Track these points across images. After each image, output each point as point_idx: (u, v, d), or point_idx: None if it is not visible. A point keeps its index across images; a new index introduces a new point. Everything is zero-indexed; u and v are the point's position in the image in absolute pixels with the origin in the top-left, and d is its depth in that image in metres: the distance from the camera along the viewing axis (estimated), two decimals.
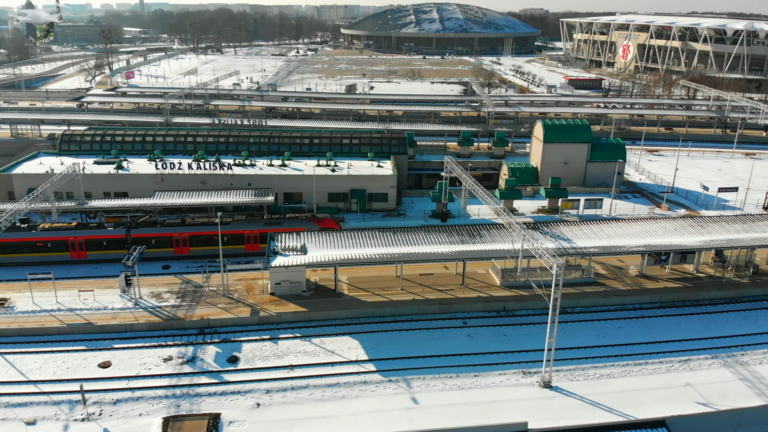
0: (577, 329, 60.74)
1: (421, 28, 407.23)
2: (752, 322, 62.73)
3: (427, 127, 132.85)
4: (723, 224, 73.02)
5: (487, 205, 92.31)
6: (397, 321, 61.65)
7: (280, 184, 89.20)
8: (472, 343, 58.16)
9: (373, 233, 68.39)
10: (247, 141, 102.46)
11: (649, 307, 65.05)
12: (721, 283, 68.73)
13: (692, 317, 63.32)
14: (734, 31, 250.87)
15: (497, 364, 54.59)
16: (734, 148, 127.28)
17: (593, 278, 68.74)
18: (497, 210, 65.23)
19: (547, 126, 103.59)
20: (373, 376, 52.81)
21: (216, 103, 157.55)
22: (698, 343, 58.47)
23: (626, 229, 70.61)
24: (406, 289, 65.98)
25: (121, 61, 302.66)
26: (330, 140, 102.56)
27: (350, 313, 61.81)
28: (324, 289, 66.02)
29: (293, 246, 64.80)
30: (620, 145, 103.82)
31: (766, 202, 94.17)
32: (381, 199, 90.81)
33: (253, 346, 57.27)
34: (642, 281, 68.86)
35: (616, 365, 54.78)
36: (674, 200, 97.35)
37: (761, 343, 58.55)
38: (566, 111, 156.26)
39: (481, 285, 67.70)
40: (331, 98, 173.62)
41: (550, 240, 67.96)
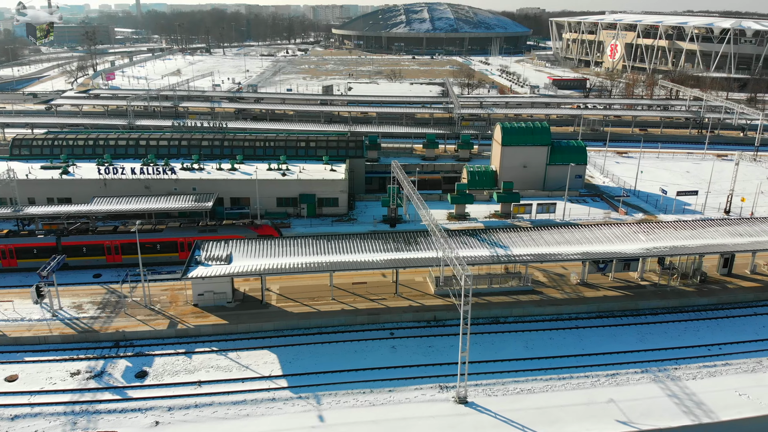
0: (506, 340, 58.54)
1: (412, 28, 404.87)
2: (692, 333, 60.41)
3: (393, 130, 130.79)
4: (671, 230, 70.72)
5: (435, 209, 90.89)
6: (322, 333, 59.51)
7: (226, 188, 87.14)
8: (395, 355, 56.01)
9: (307, 241, 66.24)
10: (199, 144, 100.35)
11: (585, 317, 62.80)
12: (664, 292, 66.45)
13: (629, 328, 61.05)
14: (721, 29, 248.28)
15: (415, 378, 52.52)
16: (705, 149, 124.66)
17: (531, 286, 66.55)
18: (424, 216, 62.98)
19: (505, 129, 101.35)
20: (283, 392, 50.71)
21: (186, 104, 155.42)
22: (631, 355, 56.22)
23: (568, 236, 68.34)
24: (337, 299, 63.86)
25: (106, 63, 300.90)
26: (285, 143, 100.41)
27: (274, 325, 59.69)
28: (251, 300, 63.94)
29: (218, 255, 62.68)
30: (581, 147, 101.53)
31: (727, 206, 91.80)
32: (331, 204, 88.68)
33: (165, 360, 55.19)
34: (582, 290, 66.63)
35: (539, 379, 52.60)
36: (634, 204, 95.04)
37: (698, 357, 56.29)
38: (541, 112, 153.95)
39: (415, 294, 65.55)
40: (303, 100, 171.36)
41: (487, 247, 65.78)
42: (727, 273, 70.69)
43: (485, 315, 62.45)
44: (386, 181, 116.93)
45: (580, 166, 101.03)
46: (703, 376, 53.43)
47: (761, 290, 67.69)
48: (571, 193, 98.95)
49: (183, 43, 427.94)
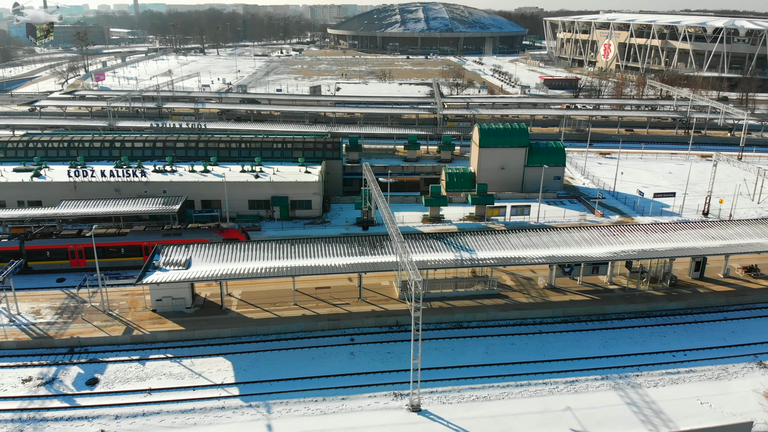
0: (467, 345, 57.53)
1: (406, 28, 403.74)
2: (658, 339, 59.36)
3: (375, 131, 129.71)
4: (642, 233, 69.67)
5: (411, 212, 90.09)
6: (281, 339, 58.53)
7: (196, 191, 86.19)
8: (353, 362, 55.01)
9: (270, 245, 65.23)
10: (174, 146, 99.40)
11: (550, 322, 61.78)
12: (632, 296, 65.43)
13: (593, 333, 60.01)
14: (714, 28, 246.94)
15: (370, 386, 51.51)
16: (689, 150, 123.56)
17: (496, 290, 65.55)
18: (385, 219, 61.90)
19: (482, 130, 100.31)
20: (233, 401, 49.74)
21: (170, 105, 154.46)
22: (592, 362, 55.18)
23: (535, 239, 67.30)
24: (299, 304, 62.89)
25: (98, 64, 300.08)
26: (261, 145, 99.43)
27: (231, 331, 58.71)
28: (212, 306, 62.97)
29: (177, 260, 61.71)
30: (559, 148, 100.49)
31: (705, 208, 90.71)
32: (305, 207, 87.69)
33: (118, 367, 54.26)
34: (549, 294, 65.63)
35: (496, 386, 51.59)
36: (611, 206, 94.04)
37: (661, 363, 55.21)
38: (526, 113, 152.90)
39: (379, 298, 64.54)
40: (289, 101, 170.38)
41: (452, 251, 64.75)
42: (699, 277, 69.64)
43: (448, 320, 61.52)
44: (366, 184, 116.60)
45: (558, 168, 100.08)
46: (665, 384, 52.41)
47: (733, 294, 66.61)
48: (549, 195, 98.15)
49: (178, 43, 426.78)
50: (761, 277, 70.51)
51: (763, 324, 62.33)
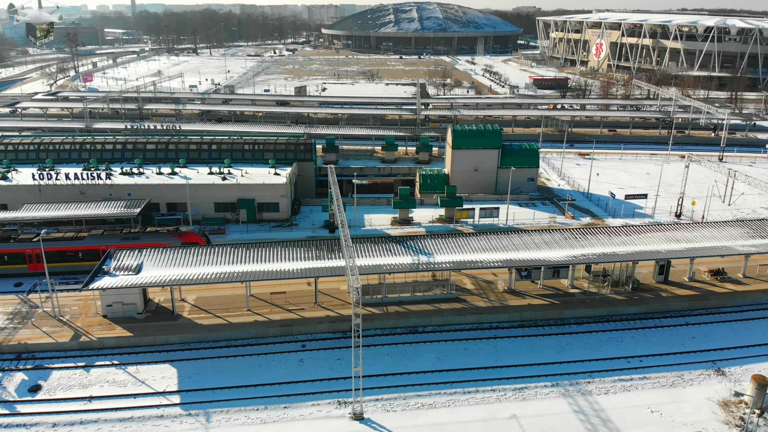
0: (419, 351, 56.55)
1: (400, 28, 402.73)
2: (614, 344, 58.35)
3: (353, 132, 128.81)
4: (605, 236, 68.65)
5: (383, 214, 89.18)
6: (230, 346, 57.54)
7: (161, 193, 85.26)
8: (301, 369, 54.07)
9: (225, 249, 64.25)
10: (144, 148, 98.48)
11: (506, 326, 60.80)
12: (593, 300, 64.40)
13: (549, 338, 59.02)
14: (705, 27, 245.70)
15: (315, 393, 50.55)
16: (669, 150, 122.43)
17: (455, 294, 64.57)
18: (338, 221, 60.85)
19: (455, 132, 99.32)
20: (173, 409, 48.82)
21: (152, 106, 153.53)
22: (545, 368, 54.20)
23: (496, 243, 66.28)
24: (253, 310, 61.93)
25: (88, 65, 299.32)
26: (231, 146, 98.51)
27: (180, 337, 57.77)
28: (164, 311, 62.02)
29: (128, 265, 60.79)
30: (533, 150, 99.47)
31: (678, 209, 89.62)
32: (272, 209, 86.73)
33: (62, 374, 53.35)
34: (507, 297, 64.65)
35: (444, 393, 50.65)
36: (584, 207, 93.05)
37: (615, 370, 54.19)
38: (509, 113, 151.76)
39: (336, 303, 63.58)
40: (273, 101, 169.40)
41: (410, 255, 63.78)
42: (664, 280, 68.60)
43: (403, 324, 60.56)
44: (343, 185, 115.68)
45: (531, 169, 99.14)
46: (616, 391, 51.42)
47: (696, 299, 65.59)
48: (522, 196, 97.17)
49: (172, 43, 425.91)
50: (728, 280, 69.46)
51: (725, 329, 61.31)
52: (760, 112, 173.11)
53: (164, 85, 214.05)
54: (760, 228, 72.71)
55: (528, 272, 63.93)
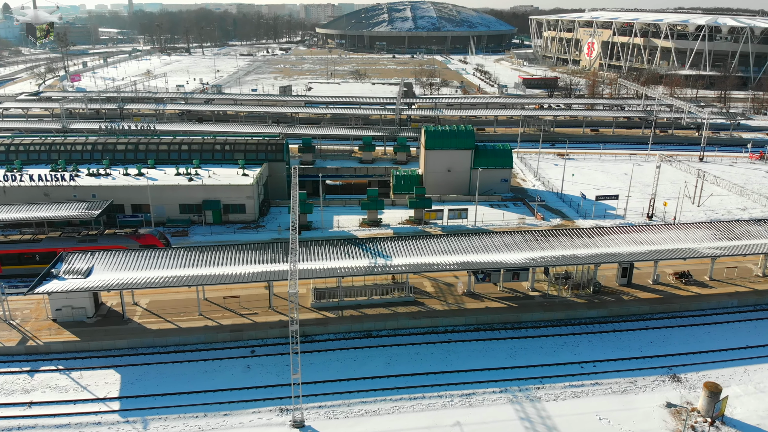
0: (370, 356, 55.53)
1: (394, 27, 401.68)
2: (570, 349, 57.30)
3: (331, 132, 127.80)
4: (566, 238, 67.58)
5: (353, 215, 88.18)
6: (178, 351, 56.55)
7: (125, 195, 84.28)
8: (247, 375, 53.06)
9: (179, 252, 63.20)
10: (113, 149, 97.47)
11: (462, 330, 59.80)
12: (552, 303, 63.35)
13: (504, 342, 57.98)
14: (696, 26, 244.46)
15: (258, 401, 49.54)
16: (649, 150, 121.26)
17: (412, 297, 63.55)
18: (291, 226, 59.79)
19: (428, 132, 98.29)
20: (111, 416, 47.86)
21: (132, 106, 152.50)
22: (495, 373, 53.14)
23: (455, 245, 65.25)
24: (205, 314, 60.92)
25: (78, 65, 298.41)
26: (201, 147, 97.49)
27: (128, 342, 56.78)
28: (115, 315, 61.05)
29: (78, 268, 59.78)
30: (506, 150, 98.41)
31: (650, 210, 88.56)
32: (238, 211, 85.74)
33: (5, 379, 52.42)
34: (466, 300, 63.63)
35: (389, 399, 49.64)
36: (556, 208, 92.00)
37: (567, 375, 53.12)
38: (492, 113, 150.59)
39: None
40: (256, 101, 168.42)
41: (368, 257, 62.78)
42: (627, 283, 67.56)
43: (358, 329, 59.56)
44: (319, 185, 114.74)
45: (505, 170, 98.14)
46: (566, 397, 50.38)
47: (659, 302, 64.53)
48: (494, 197, 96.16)
49: (166, 43, 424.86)
50: (693, 283, 68.42)
51: (686, 334, 60.23)
52: (746, 112, 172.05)
53: (151, 84, 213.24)
54: (728, 230, 71.65)
55: (484, 275, 62.91)
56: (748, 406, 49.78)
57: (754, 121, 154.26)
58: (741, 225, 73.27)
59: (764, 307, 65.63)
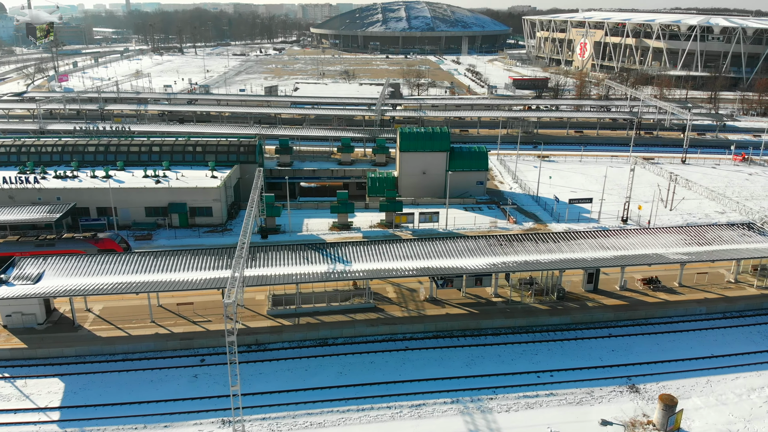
0: (322, 365, 54.18)
1: (388, 27, 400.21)
2: (528, 357, 55.92)
3: (310, 133, 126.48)
4: (531, 243, 66.17)
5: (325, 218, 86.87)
6: (127, 360, 55.21)
7: (90, 198, 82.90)
8: (194, 385, 51.69)
9: (132, 257, 61.83)
10: (83, 150, 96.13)
11: (420, 338, 58.42)
12: (514, 310, 62.00)
13: (461, 350, 56.60)
14: (688, 26, 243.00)
15: (200, 412, 48.18)
16: (630, 152, 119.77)
17: (372, 304, 62.21)
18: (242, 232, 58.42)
19: (403, 134, 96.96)
20: (50, 427, 46.55)
21: (113, 107, 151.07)
22: (448, 382, 51.76)
23: (418, 250, 63.86)
24: (157, 322, 59.55)
25: (68, 65, 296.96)
26: (172, 148, 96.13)
27: (76, 350, 55.44)
28: (66, 322, 59.69)
29: (29, 273, 58.47)
30: (482, 153, 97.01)
31: (624, 214, 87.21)
32: (205, 214, 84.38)
33: None
34: (427, 307, 62.27)
35: (336, 411, 48.28)
36: (530, 212, 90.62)
37: (522, 385, 51.67)
38: (477, 114, 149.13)
39: (247, 314, 61.20)
40: (239, 101, 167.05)
41: (327, 263, 61.41)
42: (593, 289, 66.19)
43: (313, 337, 58.19)
44: (296, 187, 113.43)
45: (480, 173, 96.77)
46: (519, 409, 48.99)
47: (624, 309, 63.14)
48: (469, 200, 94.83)
49: (160, 42, 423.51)
50: (662, 290, 67.04)
51: (649, 342, 58.82)
52: (734, 113, 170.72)
53: (137, 84, 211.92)
54: (699, 235, 70.31)
55: (444, 281, 61.54)
56: (707, 419, 48.41)
57: (740, 122, 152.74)
58: (713, 230, 71.97)
59: (734, 314, 64.24)
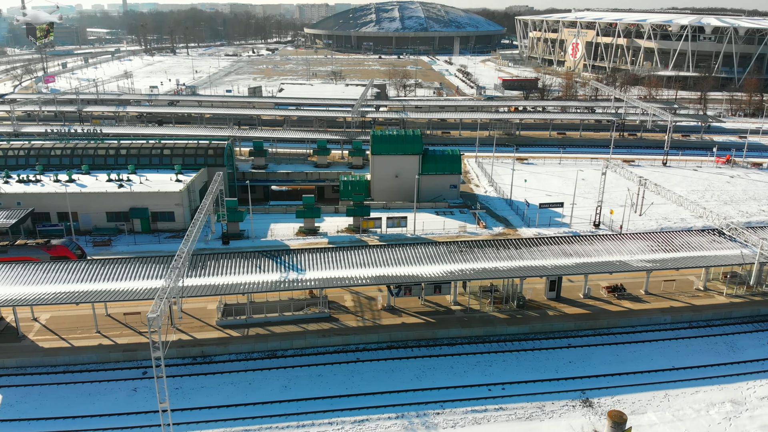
0: (267, 379, 52.39)
1: (381, 27, 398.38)
2: (481, 369, 54.12)
3: (287, 135, 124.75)
4: (492, 250, 64.43)
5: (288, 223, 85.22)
6: (68, 371, 53.49)
7: (53, 202, 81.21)
8: (131, 399, 49.93)
9: (78, 265, 59.84)
10: (49, 154, 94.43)
11: (374, 348, 56.64)
12: (471, 319, 60.22)
13: (413, 361, 54.80)
14: (680, 26, 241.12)
15: (134, 428, 46.48)
16: (611, 154, 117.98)
17: (328, 313, 60.46)
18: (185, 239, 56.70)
19: (375, 137, 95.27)
20: None
21: (92, 109, 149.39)
22: (396, 396, 49.99)
23: (376, 257, 62.12)
24: (103, 332, 57.79)
25: (57, 65, 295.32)
26: (138, 152, 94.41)
27: (17, 361, 53.77)
28: (11, 332, 57.97)
29: None
30: (455, 156, 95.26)
31: (596, 219, 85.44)
32: (167, 219, 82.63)
33: None
34: (384, 316, 60.50)
35: (274, 428, 46.51)
36: (502, 216, 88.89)
37: (471, 399, 49.86)
38: (457, 116, 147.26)
39: (196, 325, 59.40)
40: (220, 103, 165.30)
41: (281, 271, 59.67)
42: (555, 297, 64.43)
43: (261, 348, 56.42)
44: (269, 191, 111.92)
45: (454, 176, 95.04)
46: (465, 424, 47.25)
47: (585, 318, 61.35)
48: (441, 204, 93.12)
49: (154, 43, 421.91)
50: (627, 298, 65.25)
51: (608, 353, 56.97)
52: (722, 113, 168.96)
53: (123, 85, 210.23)
54: (666, 241, 68.47)
55: (400, 289, 59.79)
56: None
57: (726, 124, 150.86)
58: (682, 236, 70.14)
59: (700, 324, 62.40)
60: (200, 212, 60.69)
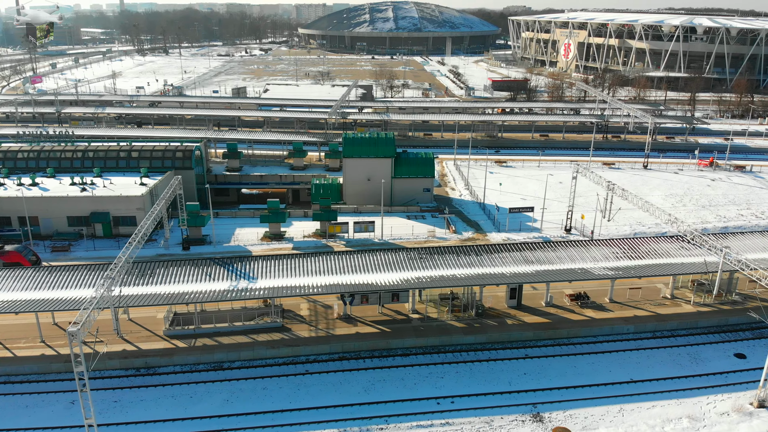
0: (209, 392, 50.79)
1: (375, 27, 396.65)
2: (433, 381, 52.49)
3: (263, 136, 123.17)
4: (452, 256, 62.85)
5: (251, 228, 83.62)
6: (8, 382, 51.95)
7: (14, 207, 79.46)
8: (69, 412, 48.42)
9: (22, 273, 58.44)
10: (14, 157, 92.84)
11: (325, 360, 55.07)
12: (428, 328, 58.60)
13: (362, 373, 53.21)
14: (671, 27, 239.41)
15: None
16: (591, 156, 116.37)
17: (280, 323, 58.87)
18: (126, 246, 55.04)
19: (347, 139, 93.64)
20: None
21: (71, 110, 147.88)
22: (341, 410, 48.43)
23: (332, 265, 60.55)
24: (47, 341, 56.23)
25: (47, 66, 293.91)
26: (105, 154, 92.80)
27: None
28: None
29: None
30: (428, 159, 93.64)
31: (567, 224, 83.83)
32: (129, 223, 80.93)
33: None
34: (339, 325, 58.90)
35: None
36: (473, 220, 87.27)
37: (417, 413, 48.21)
38: (437, 118, 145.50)
39: (143, 335, 57.78)
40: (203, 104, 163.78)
41: (232, 279, 58.07)
42: (516, 305, 62.83)
43: (207, 360, 54.82)
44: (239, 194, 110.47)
45: (427, 179, 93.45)
46: None
47: (545, 327, 59.76)
48: (413, 208, 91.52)
49: (147, 43, 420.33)
50: (590, 306, 63.64)
51: (565, 364, 55.33)
52: (709, 114, 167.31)
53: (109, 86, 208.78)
54: (633, 248, 66.85)
55: (353, 298, 58.21)
56: None
57: (712, 125, 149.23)
58: (649, 243, 68.50)
59: (664, 334, 60.81)
60: (148, 218, 59.10)
